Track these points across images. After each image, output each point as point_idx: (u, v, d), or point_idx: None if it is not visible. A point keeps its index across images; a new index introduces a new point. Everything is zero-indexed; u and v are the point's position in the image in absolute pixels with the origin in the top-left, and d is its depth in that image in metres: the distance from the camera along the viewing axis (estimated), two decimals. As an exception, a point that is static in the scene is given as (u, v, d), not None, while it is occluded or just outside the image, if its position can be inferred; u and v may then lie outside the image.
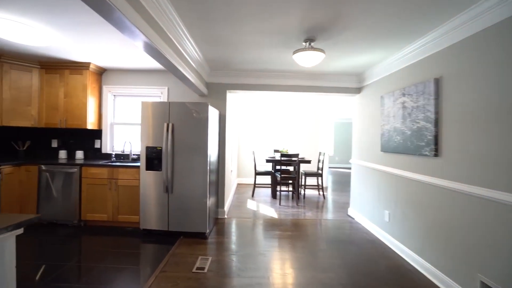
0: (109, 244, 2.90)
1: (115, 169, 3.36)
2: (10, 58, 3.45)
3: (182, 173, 3.09)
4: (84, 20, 2.30)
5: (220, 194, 3.92)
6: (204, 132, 3.06)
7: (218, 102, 3.94)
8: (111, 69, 3.95)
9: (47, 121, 3.69)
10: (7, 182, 3.23)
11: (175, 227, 3.12)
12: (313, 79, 3.95)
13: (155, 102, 3.11)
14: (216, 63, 3.48)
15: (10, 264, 1.00)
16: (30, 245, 2.81)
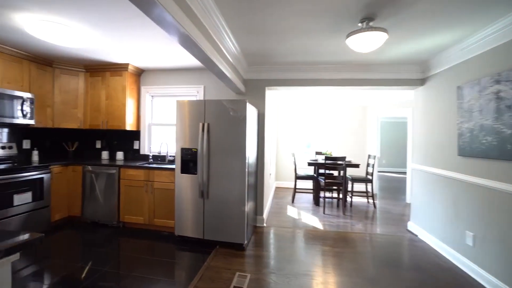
0: (145, 249, 2.78)
1: (151, 171, 3.27)
2: (61, 63, 3.60)
3: (218, 176, 2.85)
4: (116, 16, 2.17)
5: (259, 200, 3.60)
6: (242, 132, 2.77)
7: (256, 100, 3.63)
8: (148, 69, 3.91)
9: (91, 123, 3.78)
10: (56, 181, 3.34)
11: (210, 235, 2.88)
12: (365, 71, 3.40)
13: (191, 100, 2.92)
14: (254, 57, 3.18)
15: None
16: (72, 244, 2.82)
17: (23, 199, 2.92)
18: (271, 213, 4.27)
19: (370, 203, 4.99)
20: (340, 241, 3.15)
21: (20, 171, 2.92)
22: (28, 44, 2.94)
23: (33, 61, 3.33)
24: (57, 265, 2.43)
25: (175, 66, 3.69)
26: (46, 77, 3.50)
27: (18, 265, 2.37)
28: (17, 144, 3.44)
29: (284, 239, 3.18)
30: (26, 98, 3.15)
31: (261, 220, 3.61)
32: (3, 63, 3.03)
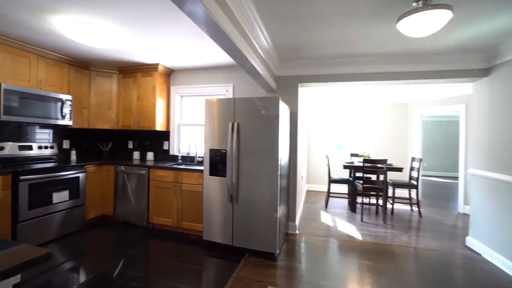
0: (173, 254, 2.68)
1: (180, 172, 3.19)
2: (96, 66, 3.71)
3: (249, 179, 2.66)
4: (145, 11, 2.09)
5: (291, 205, 3.35)
6: (274, 132, 2.56)
7: (288, 98, 3.39)
8: (178, 69, 3.87)
9: (123, 123, 3.83)
10: (91, 180, 3.42)
11: (240, 242, 2.70)
12: (413, 63, 2.99)
13: (220, 99, 2.77)
14: (287, 52, 2.94)
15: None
16: (104, 243, 2.83)
17: (61, 197, 3.01)
18: (303, 219, 3.99)
19: (415, 212, 4.46)
20: (382, 255, 2.78)
21: (60, 170, 3.01)
22: (67, 48, 3.03)
23: (72, 64, 3.45)
24: (88, 264, 2.43)
25: (203, 64, 3.60)
26: (83, 80, 3.61)
27: (53, 262, 2.41)
28: (57, 144, 3.60)
29: (319, 249, 2.90)
30: (65, 100, 3.26)
31: (293, 227, 3.36)
32: (46, 67, 3.16)
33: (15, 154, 3.04)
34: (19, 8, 2.11)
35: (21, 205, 2.63)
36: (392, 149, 5.71)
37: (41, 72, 3.10)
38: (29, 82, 2.98)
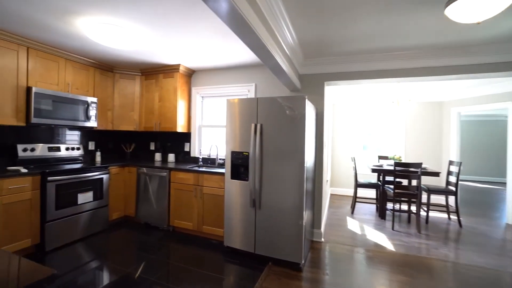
0: (193, 259, 2.60)
1: (200, 175, 3.11)
2: (120, 68, 3.76)
3: (272, 184, 2.51)
4: (164, 10, 2.02)
5: (317, 211, 3.16)
6: (300, 133, 2.39)
7: (313, 97, 3.20)
8: (199, 69, 3.82)
9: (146, 125, 3.85)
10: (114, 181, 3.46)
11: (262, 250, 2.56)
12: (456, 56, 2.68)
13: (242, 99, 2.66)
14: (313, 48, 2.76)
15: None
16: (126, 246, 2.82)
17: (85, 198, 3.05)
18: (328, 225, 3.77)
19: (453, 221, 4.06)
20: (417, 269, 2.50)
21: (85, 171, 3.05)
22: (92, 51, 3.07)
23: (97, 67, 3.51)
24: (110, 267, 2.41)
25: (224, 64, 3.51)
26: (107, 82, 3.67)
27: (79, 262, 2.42)
28: (84, 146, 3.68)
29: (347, 260, 2.67)
30: (91, 103, 3.32)
31: (319, 235, 3.16)
32: (74, 70, 3.23)
33: (45, 155, 3.13)
34: (45, 11, 2.13)
35: (49, 205, 2.68)
36: (425, 151, 5.28)
37: (68, 75, 3.17)
38: (57, 86, 3.05)
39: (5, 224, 2.40)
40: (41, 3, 2.01)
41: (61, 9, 2.10)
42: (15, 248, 2.47)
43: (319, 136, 3.15)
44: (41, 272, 0.64)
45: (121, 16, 2.19)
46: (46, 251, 2.66)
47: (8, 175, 2.42)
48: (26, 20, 2.31)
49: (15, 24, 2.41)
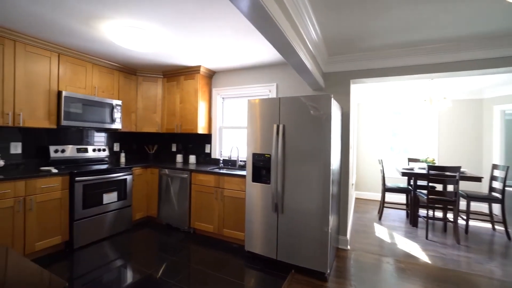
0: (214, 263, 2.55)
1: (221, 177, 3.06)
2: (143, 71, 3.83)
3: (295, 188, 2.39)
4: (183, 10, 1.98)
5: (342, 216, 2.98)
6: (326, 134, 2.25)
7: (338, 96, 3.04)
8: (219, 70, 3.79)
9: (168, 127, 3.89)
10: (137, 182, 3.52)
11: (285, 256, 2.44)
12: (507, 46, 2.39)
13: (263, 99, 2.57)
14: (338, 44, 2.61)
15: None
16: (148, 246, 2.84)
17: (110, 198, 3.12)
18: (354, 231, 3.56)
19: (499, 232, 3.66)
20: (457, 286, 2.24)
21: (110, 172, 3.13)
22: (117, 55, 3.15)
23: (121, 70, 3.60)
24: (133, 267, 2.42)
25: (245, 64, 3.45)
26: (131, 85, 3.76)
27: (104, 260, 2.46)
28: (109, 147, 3.80)
29: (375, 271, 2.48)
30: (116, 105, 3.41)
31: (345, 242, 2.97)
32: (100, 74, 3.34)
33: (74, 156, 3.25)
34: (73, 17, 2.19)
35: (77, 204, 2.77)
36: (461, 154, 4.85)
37: (95, 79, 3.28)
38: (85, 89, 3.16)
39: (38, 221, 2.50)
40: (70, 10, 2.07)
41: (87, 14, 2.14)
42: (47, 245, 2.57)
43: (344, 137, 2.97)
44: (54, 284, 0.59)
45: (141, 18, 2.20)
46: (74, 248, 2.75)
47: (41, 175, 2.52)
48: (57, 27, 2.41)
49: (48, 31, 2.52)
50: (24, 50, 2.62)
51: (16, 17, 2.25)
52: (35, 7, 2.08)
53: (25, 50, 2.63)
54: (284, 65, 3.38)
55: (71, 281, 2.19)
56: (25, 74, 2.64)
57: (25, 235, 2.41)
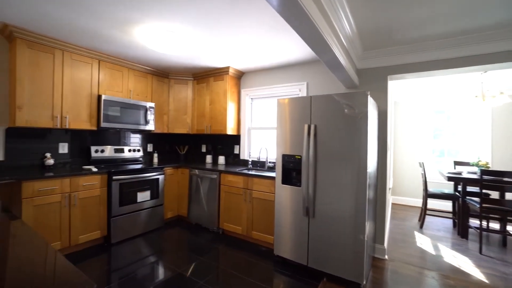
0: (242, 266, 2.50)
1: (250, 178, 3.02)
2: (174, 74, 3.96)
3: (328, 191, 2.26)
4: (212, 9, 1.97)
5: (379, 223, 2.76)
6: (362, 134, 2.09)
7: (374, 93, 2.83)
8: (248, 71, 3.77)
9: (198, 128, 3.96)
10: (168, 182, 3.63)
11: (316, 263, 2.32)
12: None
13: (293, 98, 2.47)
14: (374, 38, 2.42)
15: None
16: (178, 245, 2.89)
17: (144, 196, 3.25)
18: (392, 240, 3.28)
19: None
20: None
21: (144, 171, 3.26)
22: (150, 59, 3.28)
23: (155, 74, 3.75)
24: (164, 265, 2.47)
25: (274, 64, 3.38)
26: (163, 88, 3.90)
27: (138, 256, 2.56)
28: (143, 148, 3.97)
29: (418, 286, 2.23)
30: (149, 107, 3.55)
31: (382, 251, 2.75)
32: (135, 78, 3.51)
33: (112, 156, 3.45)
34: (110, 24, 2.31)
35: (114, 202, 2.92)
36: (520, 156, 4.25)
37: (130, 83, 3.45)
38: (121, 93, 3.34)
39: (81, 216, 2.68)
40: (109, 18, 2.18)
41: (123, 21, 2.24)
42: (88, 238, 2.74)
43: (382, 138, 2.76)
44: (83, 284, 0.58)
45: (172, 19, 2.23)
46: (112, 243, 2.90)
47: (83, 173, 2.70)
48: (97, 35, 2.57)
49: (90, 40, 2.70)
50: (70, 58, 2.84)
51: (65, 29, 2.44)
52: (81, 20, 2.23)
53: (71, 58, 2.85)
54: (315, 63, 3.25)
55: (109, 274, 2.30)
56: (71, 80, 2.86)
57: (70, 228, 2.60)
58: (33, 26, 2.41)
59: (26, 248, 0.84)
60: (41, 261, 0.74)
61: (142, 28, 2.40)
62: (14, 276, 0.65)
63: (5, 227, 0.99)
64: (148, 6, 2.00)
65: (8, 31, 2.45)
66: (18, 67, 2.49)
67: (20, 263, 0.74)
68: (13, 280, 0.63)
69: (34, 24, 2.37)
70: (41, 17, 2.24)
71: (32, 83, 2.57)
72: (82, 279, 0.61)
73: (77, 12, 2.13)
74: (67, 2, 1.99)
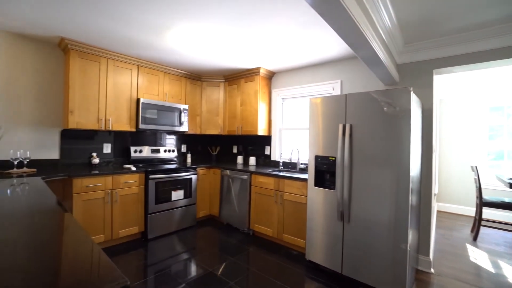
0: (273, 269, 2.45)
1: (281, 180, 2.96)
2: (206, 76, 4.07)
3: (365, 195, 2.11)
4: (244, 10, 1.97)
5: (423, 232, 2.51)
6: (404, 134, 1.92)
7: (417, 90, 2.59)
8: (279, 71, 3.72)
9: (229, 129, 4.02)
10: (201, 182, 3.72)
11: (351, 271, 2.18)
12: None
13: (327, 96, 2.37)
14: (417, 28, 2.21)
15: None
16: (210, 244, 2.94)
17: (177, 195, 3.37)
18: (438, 252, 2.97)
19: None
20: None
21: (178, 171, 3.39)
22: (183, 63, 3.41)
23: (188, 77, 3.89)
24: (196, 262, 2.53)
25: (306, 63, 3.29)
26: (196, 90, 4.03)
27: (171, 252, 2.65)
28: (177, 148, 4.14)
29: (477, 307, 1.97)
30: (183, 109, 3.69)
31: (426, 263, 2.49)
32: (170, 82, 3.68)
33: (149, 156, 3.65)
34: (147, 31, 2.44)
35: (150, 199, 3.07)
36: None
37: (166, 86, 3.62)
38: (157, 96, 3.52)
39: (121, 212, 2.87)
40: (147, 26, 2.31)
41: (157, 25, 2.35)
42: (128, 233, 2.92)
43: (426, 138, 2.51)
44: (116, 279, 0.59)
45: (205, 20, 2.28)
46: (148, 239, 3.05)
47: (123, 171, 2.89)
48: (136, 42, 2.73)
49: (130, 47, 2.89)
50: (113, 65, 3.07)
51: (110, 39, 2.64)
52: (125, 29, 2.40)
53: (114, 65, 3.07)
54: (350, 60, 3.09)
55: (146, 268, 2.41)
56: (114, 86, 3.08)
57: (112, 222, 2.79)
58: (84, 37, 2.65)
59: (73, 239, 0.90)
60: (83, 252, 0.78)
61: (176, 32, 2.49)
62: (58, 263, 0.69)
63: (60, 219, 1.09)
64: (183, 8, 2.06)
65: (64, 44, 2.73)
66: (71, 75, 2.75)
67: (67, 251, 0.79)
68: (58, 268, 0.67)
69: (85, 35, 2.60)
70: (91, 29, 2.46)
71: (82, 89, 2.82)
72: (116, 274, 0.63)
73: (121, 22, 2.28)
74: (113, 14, 2.15)
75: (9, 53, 2.63)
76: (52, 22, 2.33)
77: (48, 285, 0.59)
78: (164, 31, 2.48)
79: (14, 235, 0.92)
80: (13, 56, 2.65)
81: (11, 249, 0.79)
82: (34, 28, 2.48)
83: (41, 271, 0.65)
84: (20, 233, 0.94)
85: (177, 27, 2.38)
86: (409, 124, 1.89)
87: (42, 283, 0.59)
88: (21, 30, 2.55)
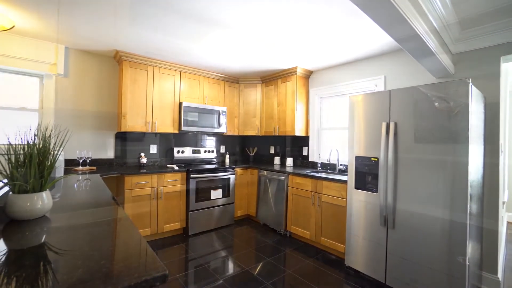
0: (310, 274, 2.38)
1: (319, 181, 2.86)
2: (244, 79, 4.15)
3: (413, 199, 1.92)
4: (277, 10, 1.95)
5: (489, 245, 2.18)
6: (460, 132, 1.70)
7: (477, 81, 2.27)
8: (316, 69, 3.61)
9: (266, 130, 4.03)
10: (238, 182, 3.81)
11: (396, 282, 1.99)
12: None
13: (368, 94, 2.22)
14: (478, 11, 1.94)
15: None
16: (247, 243, 2.98)
17: (216, 194, 3.49)
18: (509, 269, 2.54)
19: None
20: None
21: (217, 171, 3.52)
22: (221, 67, 3.54)
23: (226, 80, 4.02)
24: (233, 260, 2.58)
25: (345, 60, 3.14)
26: (234, 92, 4.14)
27: (210, 248, 2.76)
28: (216, 149, 4.30)
29: None
30: (222, 112, 3.82)
31: (494, 283, 2.15)
32: (209, 85, 3.84)
33: (190, 157, 3.86)
34: (188, 38, 2.59)
35: (191, 198, 3.24)
36: None
37: (205, 90, 3.79)
38: (198, 99, 3.71)
39: (165, 209, 3.09)
40: (187, 33, 2.45)
41: (203, 32, 2.47)
42: (171, 228, 3.13)
43: (491, 138, 2.18)
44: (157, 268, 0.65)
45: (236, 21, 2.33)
46: (189, 235, 3.22)
47: (167, 170, 3.11)
48: (179, 50, 2.93)
49: (173, 55, 3.11)
50: (159, 72, 3.33)
51: (156, 48, 2.89)
52: (170, 39, 2.60)
53: (159, 73, 3.33)
54: (394, 53, 2.85)
55: (187, 262, 2.55)
56: (159, 91, 3.34)
57: (157, 218, 3.02)
58: (134, 49, 2.94)
59: (124, 230, 1.02)
60: (132, 243, 0.88)
61: (214, 36, 2.58)
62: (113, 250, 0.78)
63: (115, 212, 1.24)
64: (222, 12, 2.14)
65: (118, 56, 3.06)
66: (124, 83, 3.06)
67: (119, 241, 0.90)
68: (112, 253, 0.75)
69: (136, 47, 2.89)
70: (141, 42, 2.72)
71: (132, 95, 3.12)
72: (158, 264, 0.69)
73: (167, 33, 2.47)
74: (160, 27, 2.35)
75: (78, 67, 3.06)
76: (110, 38, 2.65)
77: (104, 266, 0.68)
78: (203, 38, 2.60)
79: (83, 222, 1.11)
80: (81, 69, 3.08)
81: (80, 235, 0.95)
82: (96, 44, 2.83)
83: (98, 253, 0.76)
84: (88, 221, 1.13)
85: (214, 32, 2.48)
86: (467, 120, 1.66)
87: (99, 265, 0.69)
88: (86, 47, 2.94)
